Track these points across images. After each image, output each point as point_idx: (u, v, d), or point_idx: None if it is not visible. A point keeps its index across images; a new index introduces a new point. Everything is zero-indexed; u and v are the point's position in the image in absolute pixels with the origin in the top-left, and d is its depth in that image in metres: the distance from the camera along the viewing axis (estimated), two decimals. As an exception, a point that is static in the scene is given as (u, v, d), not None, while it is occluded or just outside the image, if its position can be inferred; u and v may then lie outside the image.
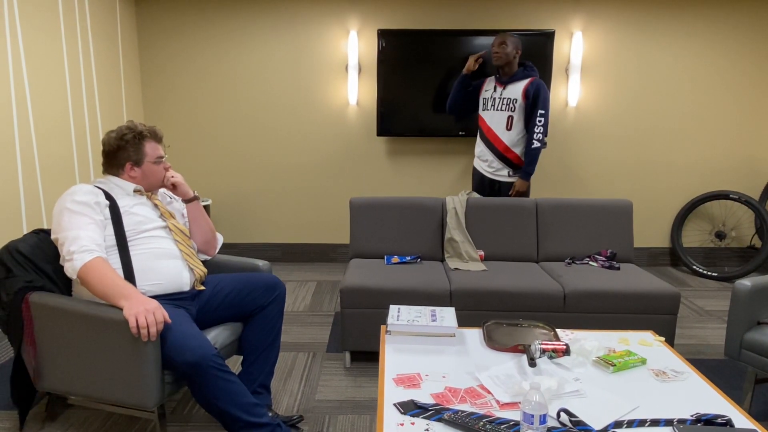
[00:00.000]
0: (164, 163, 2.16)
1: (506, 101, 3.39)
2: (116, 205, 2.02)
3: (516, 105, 3.37)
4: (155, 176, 2.13)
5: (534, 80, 3.36)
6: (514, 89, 3.39)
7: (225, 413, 1.82)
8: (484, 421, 1.38)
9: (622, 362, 1.73)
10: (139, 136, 2.08)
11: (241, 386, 1.86)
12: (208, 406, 1.84)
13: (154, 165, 2.12)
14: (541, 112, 3.30)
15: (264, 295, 2.17)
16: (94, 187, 2.03)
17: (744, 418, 1.45)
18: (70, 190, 1.99)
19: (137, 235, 2.02)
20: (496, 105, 3.44)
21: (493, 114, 3.46)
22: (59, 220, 1.92)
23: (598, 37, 4.30)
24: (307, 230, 4.63)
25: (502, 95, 3.41)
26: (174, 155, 4.50)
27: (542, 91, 3.32)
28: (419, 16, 4.28)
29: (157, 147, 2.14)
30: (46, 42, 3.22)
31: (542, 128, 3.32)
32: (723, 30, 4.27)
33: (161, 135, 2.18)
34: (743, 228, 4.57)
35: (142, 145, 2.09)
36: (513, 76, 3.40)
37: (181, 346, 1.79)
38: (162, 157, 2.14)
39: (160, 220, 2.11)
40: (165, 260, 2.03)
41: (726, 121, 4.41)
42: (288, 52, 4.34)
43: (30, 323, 1.95)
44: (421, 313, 2.01)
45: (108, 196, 2.03)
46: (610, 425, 1.40)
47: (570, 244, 3.16)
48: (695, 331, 3.25)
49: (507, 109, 3.39)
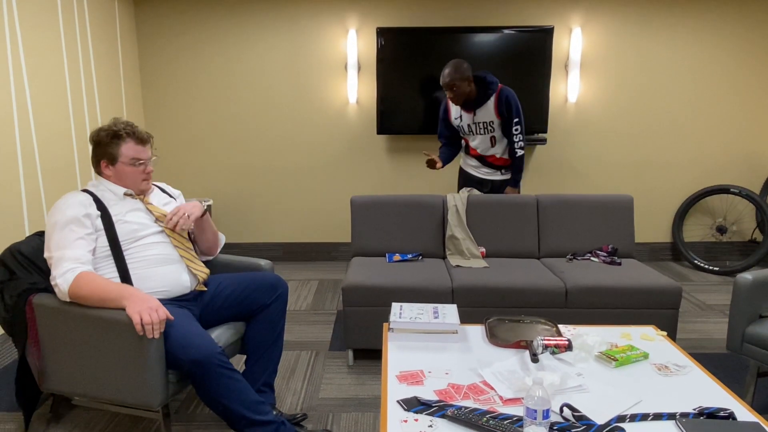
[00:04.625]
0: (145, 167, 2.07)
1: (483, 125, 3.24)
2: (108, 215, 1.98)
3: (494, 126, 3.22)
4: (129, 178, 2.05)
5: (500, 94, 3.15)
6: (485, 112, 3.20)
7: (230, 411, 1.83)
8: (488, 417, 1.38)
9: (624, 357, 1.73)
10: (114, 136, 2.01)
11: (246, 384, 1.87)
12: (213, 404, 1.84)
13: (128, 167, 2.03)
14: (516, 120, 3.18)
15: (266, 295, 2.17)
16: (86, 194, 1.99)
17: (747, 411, 1.46)
18: (60, 201, 1.95)
19: (132, 244, 1.99)
20: (474, 130, 3.29)
21: (474, 138, 3.33)
22: (49, 238, 1.91)
23: (597, 32, 4.30)
24: (308, 229, 4.63)
25: (475, 120, 3.24)
26: (175, 155, 4.51)
27: (512, 101, 3.15)
28: (418, 13, 4.28)
29: (137, 149, 2.04)
30: (46, 44, 3.23)
31: (521, 135, 3.22)
32: (723, 24, 4.26)
33: (146, 137, 2.08)
34: (744, 222, 4.57)
35: (118, 144, 2.01)
36: (477, 101, 3.19)
37: (186, 344, 1.80)
38: (141, 160, 2.05)
39: (156, 225, 2.07)
40: (163, 266, 2.02)
41: (726, 115, 4.41)
42: (287, 52, 4.34)
43: (34, 325, 1.96)
44: (424, 311, 2.02)
45: (100, 204, 1.99)
46: (613, 420, 1.40)
47: (571, 240, 3.16)
48: (697, 325, 3.25)
49: (486, 132, 3.26)
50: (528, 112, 4.27)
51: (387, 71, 4.21)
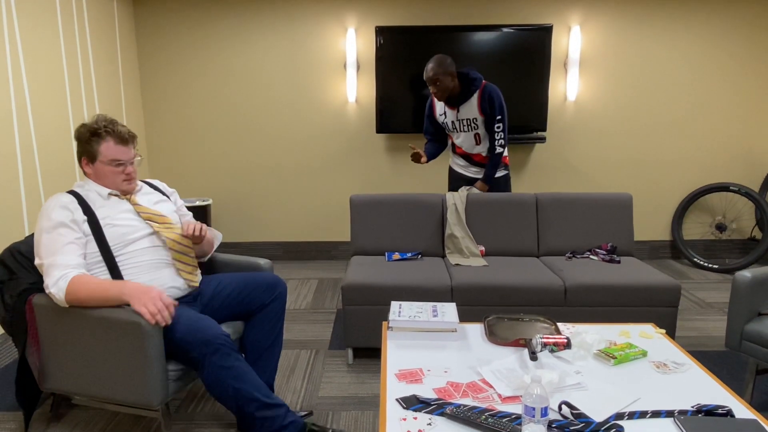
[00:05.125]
0: (125, 168, 2.01)
1: (467, 122, 3.22)
2: (95, 219, 1.94)
3: (477, 122, 3.20)
4: (108, 179, 2.00)
5: (483, 91, 3.13)
6: (468, 109, 3.18)
7: (241, 393, 1.82)
8: (486, 415, 1.39)
9: (622, 355, 1.73)
10: (94, 133, 1.97)
11: (252, 370, 1.89)
12: (223, 388, 1.83)
13: (107, 167, 1.98)
14: (499, 117, 3.14)
15: (265, 294, 2.17)
16: (71, 196, 1.96)
17: (745, 409, 1.46)
18: (46, 205, 1.92)
19: (124, 249, 1.96)
20: (458, 127, 3.26)
21: (458, 135, 3.31)
22: (38, 244, 1.88)
23: (596, 30, 4.30)
24: (308, 228, 4.63)
25: (459, 117, 3.22)
26: (174, 155, 4.51)
27: (495, 98, 3.12)
28: (417, 12, 4.27)
29: (117, 149, 1.98)
30: (45, 43, 3.23)
31: (502, 132, 3.19)
32: (722, 22, 4.26)
33: (127, 137, 2.00)
34: (744, 220, 4.58)
35: (98, 143, 1.96)
36: (460, 97, 3.16)
37: (195, 327, 1.83)
38: (120, 161, 1.99)
39: (146, 226, 2.03)
40: (156, 272, 2.00)
41: (725, 113, 4.41)
42: (286, 51, 4.34)
43: (33, 324, 1.96)
44: (423, 309, 2.02)
45: (86, 207, 1.95)
46: (612, 417, 1.41)
47: (570, 238, 3.16)
48: (696, 323, 3.26)
49: (470, 129, 3.24)
50: (527, 111, 4.27)
51: (386, 70, 4.21)
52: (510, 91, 4.21)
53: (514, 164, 4.51)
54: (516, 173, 4.53)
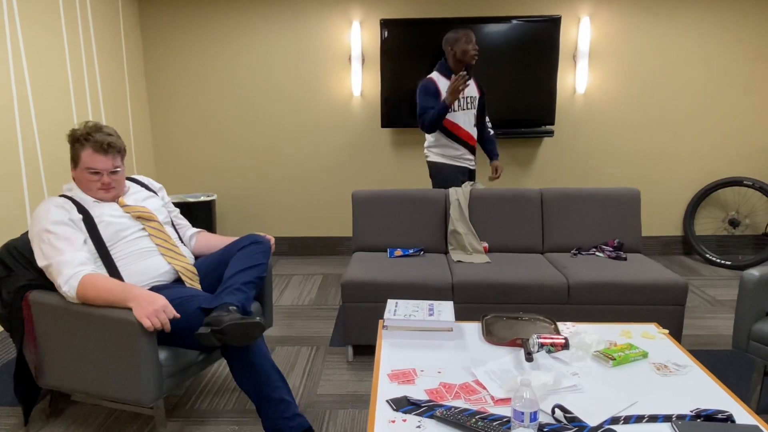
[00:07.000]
0: (101, 177, 1.99)
1: (469, 99, 3.25)
2: (89, 216, 1.98)
3: (475, 102, 3.28)
4: (85, 185, 2.01)
5: (473, 71, 3.29)
6: (471, 87, 3.26)
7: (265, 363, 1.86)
8: (476, 418, 1.35)
9: (622, 356, 1.69)
10: (75, 139, 1.99)
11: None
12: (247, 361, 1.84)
13: (84, 173, 1.99)
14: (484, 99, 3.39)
15: (243, 241, 2.11)
16: (64, 198, 1.98)
17: (746, 413, 1.41)
18: (39, 209, 1.93)
19: (117, 242, 2.00)
20: (462, 105, 3.24)
21: (460, 115, 3.24)
22: (40, 247, 1.88)
23: (606, 21, 4.20)
24: (313, 223, 4.62)
25: (465, 94, 3.22)
26: (180, 150, 4.51)
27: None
28: (422, 4, 4.22)
29: (94, 158, 1.97)
30: (47, 38, 3.23)
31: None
32: (736, 14, 4.14)
33: (106, 147, 1.97)
34: (758, 215, 4.47)
35: (80, 149, 1.98)
36: (469, 73, 3.22)
37: (212, 298, 1.88)
38: (95, 170, 1.98)
39: (138, 223, 2.07)
40: (149, 258, 2.05)
41: (740, 105, 4.29)
42: (291, 45, 4.31)
43: (30, 321, 1.97)
44: (419, 308, 1.99)
45: (79, 207, 1.98)
46: (606, 421, 1.37)
47: (576, 234, 3.10)
48: (706, 321, 3.19)
49: (470, 107, 3.27)
50: (535, 104, 4.20)
51: (391, 63, 4.16)
52: (518, 83, 4.14)
53: (522, 159, 4.44)
54: (523, 168, 4.47)
